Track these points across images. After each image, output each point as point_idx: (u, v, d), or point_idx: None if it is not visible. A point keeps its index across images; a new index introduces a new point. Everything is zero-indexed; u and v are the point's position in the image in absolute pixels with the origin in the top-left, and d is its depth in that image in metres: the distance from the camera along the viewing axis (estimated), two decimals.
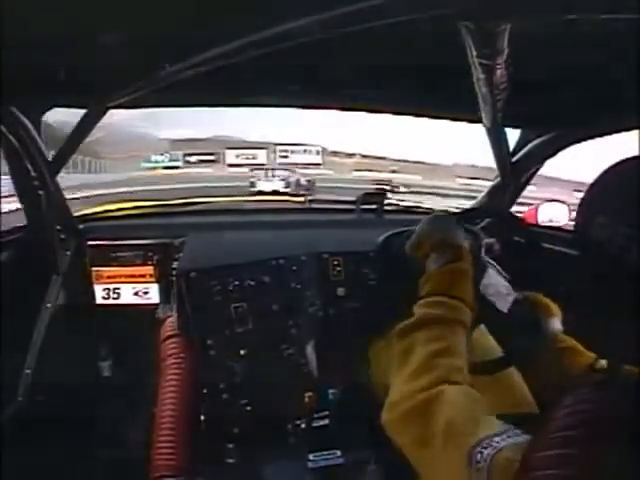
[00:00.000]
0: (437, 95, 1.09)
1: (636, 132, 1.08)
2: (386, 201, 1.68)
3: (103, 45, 0.74)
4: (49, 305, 1.25)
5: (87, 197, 6.02)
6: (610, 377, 0.44)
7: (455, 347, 0.62)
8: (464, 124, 1.31)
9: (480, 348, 0.98)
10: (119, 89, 0.93)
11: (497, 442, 0.46)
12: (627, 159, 0.46)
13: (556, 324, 0.93)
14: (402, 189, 9.63)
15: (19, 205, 1.21)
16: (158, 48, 0.75)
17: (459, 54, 0.62)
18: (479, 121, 1.05)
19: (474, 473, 0.46)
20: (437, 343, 0.62)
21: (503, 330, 0.93)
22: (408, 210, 1.84)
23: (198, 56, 0.74)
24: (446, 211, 1.77)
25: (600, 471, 0.35)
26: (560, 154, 1.31)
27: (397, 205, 1.86)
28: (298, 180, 8.69)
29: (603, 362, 0.82)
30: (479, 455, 0.46)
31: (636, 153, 0.49)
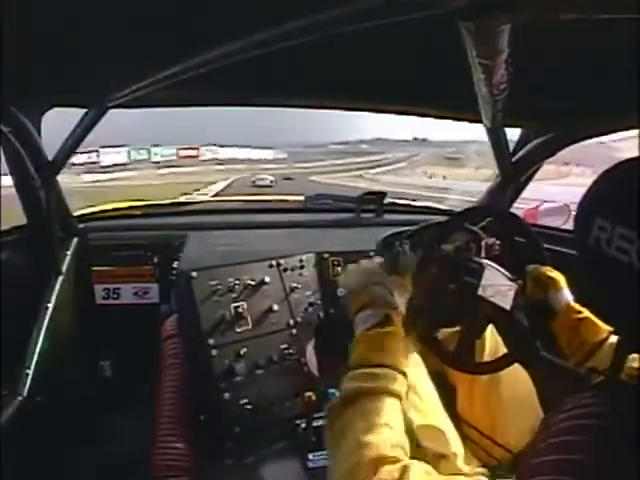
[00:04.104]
0: (437, 95, 1.09)
1: (636, 132, 1.08)
2: (386, 201, 1.68)
3: (103, 44, 0.74)
4: (49, 305, 1.25)
5: None
6: (609, 380, 0.44)
7: (389, 420, 0.55)
8: None
9: (490, 349, 0.99)
10: (119, 89, 0.93)
11: None
12: (627, 160, 0.46)
13: (565, 296, 0.94)
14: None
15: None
16: (158, 48, 0.75)
17: (459, 54, 0.62)
18: (479, 121, 1.05)
19: None
20: (366, 420, 0.55)
21: (509, 327, 0.94)
22: (408, 210, 1.84)
23: (198, 56, 0.74)
24: (446, 211, 1.77)
25: (600, 477, 0.34)
26: None
27: (397, 205, 1.86)
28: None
29: (614, 339, 0.82)
30: None
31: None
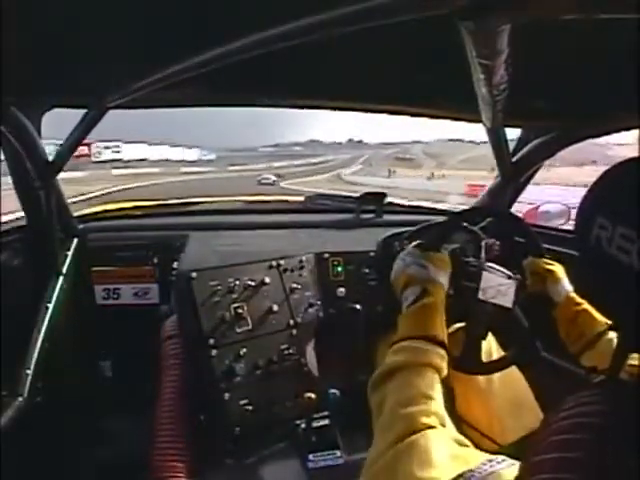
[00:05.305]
0: (437, 95, 1.09)
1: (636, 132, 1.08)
2: (386, 201, 1.68)
3: (103, 44, 0.74)
4: (49, 305, 1.25)
5: None
6: (610, 379, 0.44)
7: (425, 391, 0.58)
8: None
9: (485, 350, 0.99)
10: (119, 89, 0.93)
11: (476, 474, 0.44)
12: (628, 160, 0.46)
13: (565, 287, 0.95)
14: None
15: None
16: (158, 48, 0.75)
17: (459, 54, 0.62)
18: (479, 121, 1.05)
19: None
20: (405, 391, 0.58)
21: (510, 328, 0.94)
22: (408, 210, 1.84)
23: (198, 56, 0.74)
24: (446, 212, 1.77)
25: (600, 476, 0.34)
26: None
27: (397, 205, 1.86)
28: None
29: (612, 334, 0.83)
30: None
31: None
